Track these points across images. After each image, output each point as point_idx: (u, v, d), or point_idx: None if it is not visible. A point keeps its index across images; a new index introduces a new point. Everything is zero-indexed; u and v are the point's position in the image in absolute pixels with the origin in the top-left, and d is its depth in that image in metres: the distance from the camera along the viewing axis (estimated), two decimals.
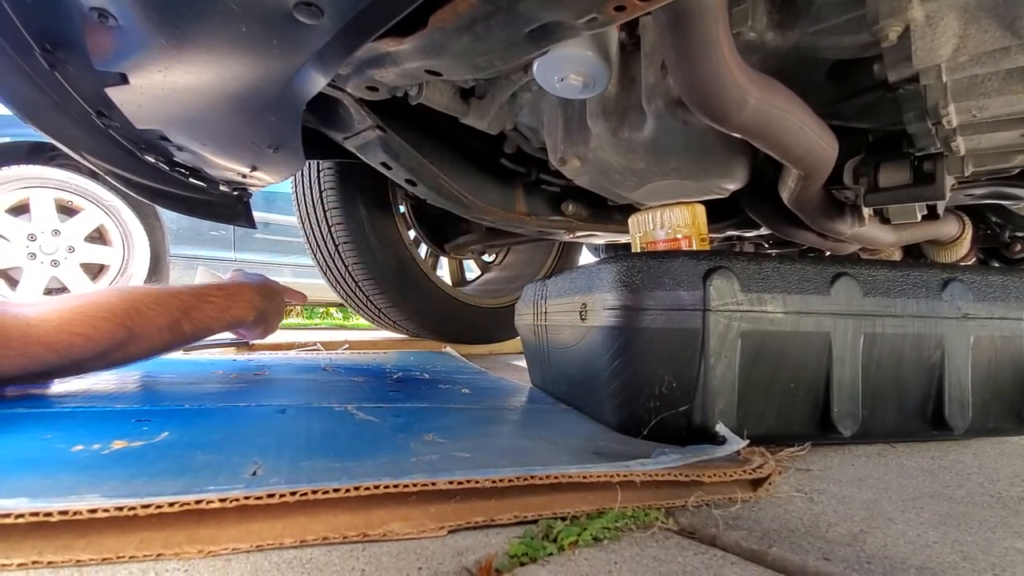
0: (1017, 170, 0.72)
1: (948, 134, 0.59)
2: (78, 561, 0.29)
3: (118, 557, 0.30)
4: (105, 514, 0.29)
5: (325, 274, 1.50)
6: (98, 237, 2.32)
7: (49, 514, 0.28)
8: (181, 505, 0.30)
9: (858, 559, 0.34)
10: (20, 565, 0.29)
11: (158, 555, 0.30)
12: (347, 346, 1.51)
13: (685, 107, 0.60)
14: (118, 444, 0.43)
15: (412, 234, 1.55)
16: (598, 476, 0.39)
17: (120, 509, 0.30)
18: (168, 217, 2.42)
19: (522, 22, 0.44)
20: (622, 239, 1.29)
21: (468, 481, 0.36)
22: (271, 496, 0.32)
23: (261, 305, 0.89)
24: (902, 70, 0.52)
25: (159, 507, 0.30)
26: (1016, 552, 0.35)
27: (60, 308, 0.62)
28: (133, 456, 0.40)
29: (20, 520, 0.28)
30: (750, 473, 0.44)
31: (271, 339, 0.94)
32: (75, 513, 0.29)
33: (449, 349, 1.57)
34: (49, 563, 0.29)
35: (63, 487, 0.33)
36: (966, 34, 0.48)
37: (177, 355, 1.09)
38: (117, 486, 0.33)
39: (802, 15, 0.57)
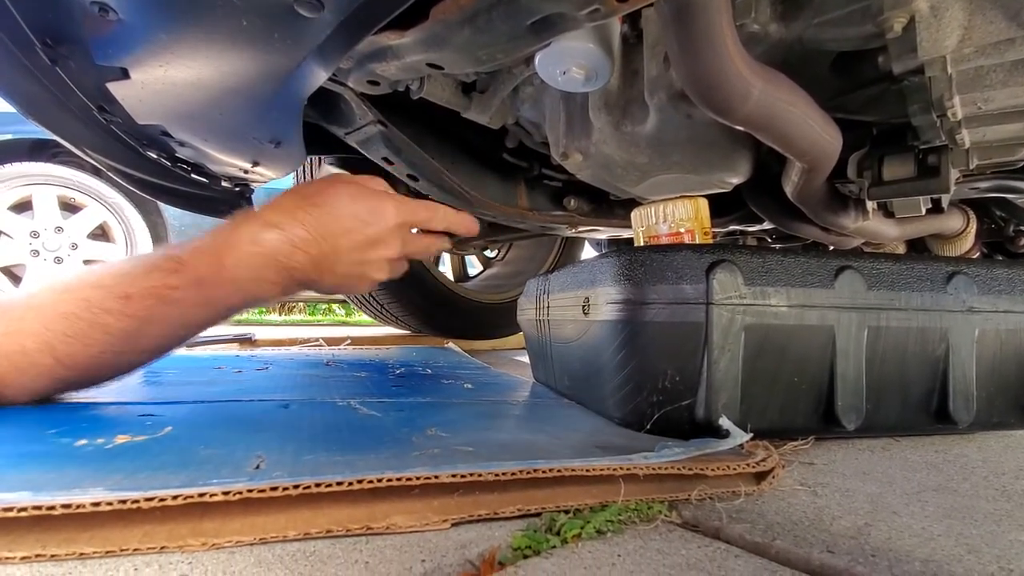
0: (1022, 163, 0.71)
1: (953, 126, 0.59)
2: (81, 554, 0.29)
3: (121, 550, 0.30)
4: (108, 507, 0.29)
5: None
6: (101, 234, 2.32)
7: (52, 507, 0.28)
8: (185, 498, 0.30)
9: (863, 552, 0.34)
10: (23, 558, 0.29)
11: (162, 548, 0.30)
12: (349, 342, 1.51)
13: (688, 100, 0.59)
14: (121, 439, 0.43)
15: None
16: (601, 469, 0.39)
17: (123, 502, 0.30)
18: (170, 214, 2.42)
19: (524, 14, 0.44)
20: (624, 234, 1.29)
21: (471, 474, 0.36)
22: (274, 489, 0.32)
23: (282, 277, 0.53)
24: (907, 62, 0.51)
25: (162, 500, 0.30)
26: (1021, 544, 0.35)
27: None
28: (137, 450, 0.40)
29: (23, 514, 0.28)
30: (753, 467, 0.44)
31: (273, 336, 0.86)
32: (78, 506, 0.29)
33: (451, 345, 1.57)
34: (52, 556, 0.29)
35: (67, 481, 0.33)
36: (971, 25, 0.48)
37: (180, 351, 1.09)
38: (121, 480, 0.33)
39: (806, 6, 0.56)
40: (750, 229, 1.16)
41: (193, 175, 0.86)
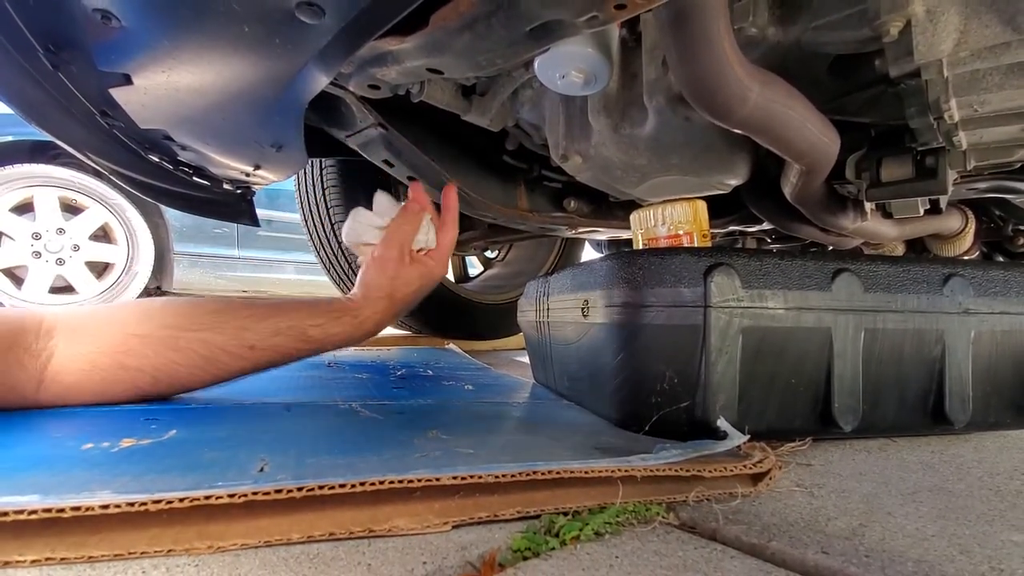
0: (1019, 164, 0.72)
1: (950, 129, 0.59)
2: (90, 557, 0.30)
3: (130, 553, 0.31)
4: (117, 510, 0.30)
5: (328, 271, 1.51)
6: (103, 235, 2.32)
7: (62, 511, 0.29)
8: (191, 501, 0.31)
9: (856, 552, 0.34)
10: (34, 562, 0.29)
11: (169, 551, 0.31)
12: None
13: (686, 103, 0.60)
14: (127, 442, 0.43)
15: None
16: (600, 471, 0.40)
17: (131, 505, 0.30)
18: (172, 215, 2.43)
19: (523, 20, 0.44)
20: (624, 235, 1.29)
21: (472, 477, 0.37)
22: (278, 492, 0.32)
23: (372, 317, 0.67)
24: (903, 65, 0.52)
25: (169, 503, 0.31)
26: (1012, 545, 0.36)
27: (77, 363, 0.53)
28: (142, 454, 0.41)
29: (33, 517, 0.29)
30: (751, 468, 0.44)
31: None
32: (87, 509, 0.29)
33: (452, 346, 1.58)
34: (62, 559, 0.30)
35: (75, 484, 0.33)
36: (967, 29, 0.48)
37: None
38: (127, 483, 0.33)
39: (803, 10, 0.57)
40: (749, 230, 1.16)
41: (195, 178, 0.86)
